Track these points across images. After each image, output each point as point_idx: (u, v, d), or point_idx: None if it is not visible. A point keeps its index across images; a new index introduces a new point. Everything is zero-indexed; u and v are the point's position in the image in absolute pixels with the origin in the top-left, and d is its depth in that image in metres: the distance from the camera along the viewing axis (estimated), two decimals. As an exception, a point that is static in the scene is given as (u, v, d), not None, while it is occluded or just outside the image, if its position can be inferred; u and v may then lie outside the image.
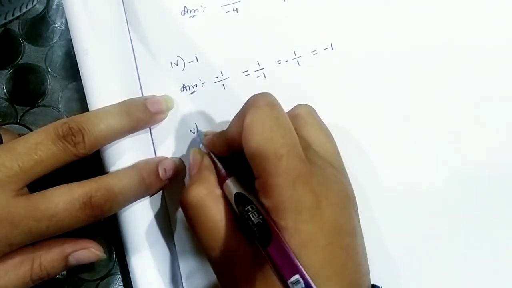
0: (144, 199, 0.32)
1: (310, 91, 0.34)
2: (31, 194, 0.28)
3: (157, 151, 0.34)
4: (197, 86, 0.34)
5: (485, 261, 0.34)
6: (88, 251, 0.31)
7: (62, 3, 0.35)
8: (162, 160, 0.32)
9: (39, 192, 0.28)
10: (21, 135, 0.30)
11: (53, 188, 0.28)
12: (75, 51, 0.33)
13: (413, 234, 0.34)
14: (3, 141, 0.30)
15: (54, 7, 0.36)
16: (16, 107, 0.35)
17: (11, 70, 0.35)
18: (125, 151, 0.32)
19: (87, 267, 0.34)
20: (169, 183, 0.33)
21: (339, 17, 0.35)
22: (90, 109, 0.32)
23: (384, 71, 0.35)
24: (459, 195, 0.35)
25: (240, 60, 0.35)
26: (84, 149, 0.29)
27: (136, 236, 0.32)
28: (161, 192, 0.34)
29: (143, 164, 0.32)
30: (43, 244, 0.30)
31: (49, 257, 0.29)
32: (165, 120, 0.34)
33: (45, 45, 0.36)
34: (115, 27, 0.34)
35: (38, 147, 0.28)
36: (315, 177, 0.26)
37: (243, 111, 0.27)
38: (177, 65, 0.34)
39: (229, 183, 0.28)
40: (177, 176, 0.33)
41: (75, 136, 0.29)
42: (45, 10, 0.36)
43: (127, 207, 0.32)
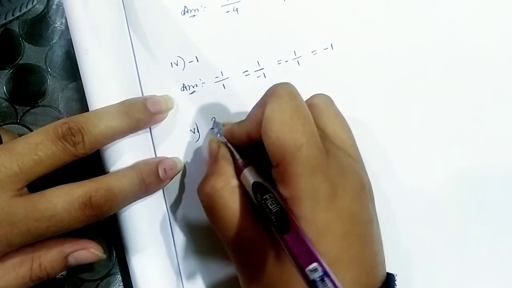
0: (144, 199, 0.32)
1: (310, 91, 0.34)
2: (30, 194, 0.28)
3: (157, 151, 0.34)
4: (197, 86, 0.34)
5: (499, 253, 0.34)
6: (87, 251, 0.31)
7: (62, 3, 0.35)
8: (162, 160, 0.32)
9: (38, 192, 0.28)
10: (21, 135, 0.30)
11: (52, 188, 0.28)
12: (75, 51, 0.33)
13: (427, 225, 0.34)
14: (3, 141, 0.30)
15: (54, 7, 0.36)
16: (16, 107, 0.35)
17: (11, 70, 0.35)
18: (125, 151, 0.32)
19: (87, 267, 0.34)
20: (169, 183, 0.33)
21: (339, 17, 0.35)
22: (90, 109, 0.32)
23: (384, 71, 0.35)
24: (467, 191, 0.35)
25: (240, 60, 0.35)
26: (84, 149, 0.29)
27: (136, 236, 0.32)
28: (161, 192, 0.34)
29: (143, 164, 0.32)
30: (42, 244, 0.30)
31: (49, 257, 0.29)
32: (165, 120, 0.34)
33: (45, 45, 0.36)
34: (115, 27, 0.34)
35: (37, 147, 0.28)
36: (332, 166, 0.27)
37: (263, 100, 0.28)
38: (177, 65, 0.34)
39: (247, 173, 0.28)
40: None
41: (74, 136, 0.29)
42: (45, 10, 0.36)
43: (127, 207, 0.32)
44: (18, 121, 0.35)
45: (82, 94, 0.33)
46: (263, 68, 0.35)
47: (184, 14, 0.35)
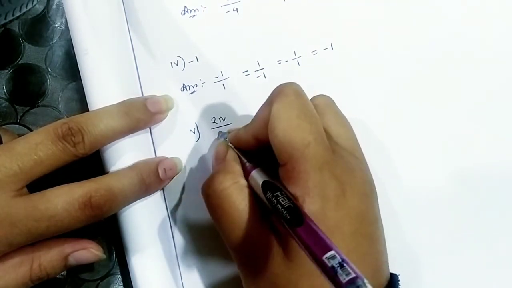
0: (144, 199, 0.32)
1: (310, 91, 0.34)
2: (30, 194, 0.28)
3: (157, 151, 0.34)
4: (197, 86, 0.34)
5: (498, 253, 0.35)
6: (87, 251, 0.31)
7: (62, 3, 0.35)
8: (162, 160, 0.32)
9: (38, 193, 0.28)
10: (21, 135, 0.30)
11: (52, 188, 0.28)
12: (75, 51, 0.33)
13: (426, 225, 0.34)
14: (3, 141, 0.30)
15: (54, 7, 0.36)
16: (16, 107, 0.35)
17: (11, 70, 0.35)
18: (125, 151, 0.32)
19: (87, 267, 0.34)
20: (169, 183, 0.33)
21: (339, 17, 0.35)
22: (90, 109, 0.32)
23: (384, 71, 0.35)
24: (467, 190, 0.35)
25: (240, 60, 0.35)
26: (84, 149, 0.29)
27: (136, 236, 0.32)
28: (161, 192, 0.34)
29: (142, 164, 0.32)
30: (42, 244, 0.30)
31: (49, 257, 0.29)
32: (165, 120, 0.34)
33: (45, 45, 0.36)
34: (115, 27, 0.34)
35: (38, 147, 0.28)
36: (339, 165, 0.27)
37: (269, 100, 0.28)
38: (177, 65, 0.34)
39: (255, 174, 0.28)
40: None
41: (74, 136, 0.29)
42: (45, 10, 0.36)
43: (127, 207, 0.32)
44: (18, 121, 0.35)
45: (82, 94, 0.33)
46: (263, 68, 0.35)
47: (184, 14, 0.35)
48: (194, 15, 0.35)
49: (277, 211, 0.26)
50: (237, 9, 0.35)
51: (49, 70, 0.35)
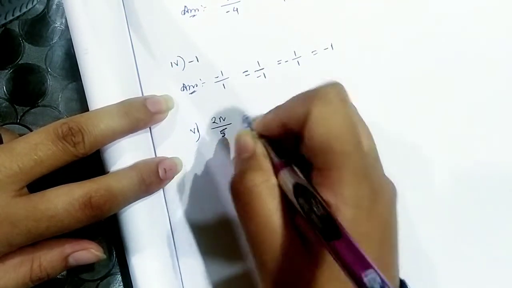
0: (144, 199, 0.32)
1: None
2: (31, 194, 0.28)
3: (157, 151, 0.34)
4: (197, 86, 0.34)
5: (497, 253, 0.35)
6: (88, 251, 0.31)
7: (62, 3, 0.35)
8: (162, 160, 0.32)
9: (39, 193, 0.28)
10: (21, 135, 0.30)
11: (52, 188, 0.28)
12: (75, 51, 0.33)
13: (426, 225, 0.35)
14: (4, 141, 0.30)
15: (54, 7, 0.36)
16: (16, 107, 0.35)
17: (11, 70, 0.35)
18: (125, 151, 0.32)
19: (87, 267, 0.34)
20: (169, 183, 0.33)
21: (339, 17, 0.35)
22: (90, 109, 0.32)
23: (384, 71, 0.35)
24: (467, 190, 0.35)
25: (240, 60, 0.35)
26: (84, 149, 0.29)
27: (136, 236, 0.32)
28: (161, 192, 0.33)
29: (143, 164, 0.32)
30: (43, 245, 0.30)
31: (49, 258, 0.29)
32: (165, 120, 0.34)
33: (45, 45, 0.36)
34: (115, 27, 0.34)
35: (38, 147, 0.28)
36: (373, 174, 0.27)
37: (310, 97, 0.27)
38: (177, 64, 0.34)
39: (286, 173, 0.27)
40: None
41: (74, 136, 0.29)
42: (45, 10, 0.36)
43: (127, 207, 0.32)
44: (18, 121, 0.35)
45: (82, 94, 0.33)
46: (263, 68, 0.35)
47: (184, 14, 0.35)
48: (194, 15, 0.35)
49: (310, 219, 0.25)
50: (237, 9, 0.35)
51: (49, 70, 0.35)
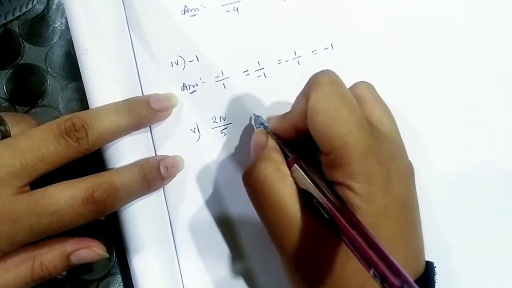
0: (144, 198, 0.32)
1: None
2: (33, 191, 0.28)
3: (157, 151, 0.34)
4: (197, 86, 0.34)
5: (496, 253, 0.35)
6: (90, 250, 0.30)
7: (62, 3, 0.35)
8: (163, 158, 0.32)
9: (40, 189, 0.28)
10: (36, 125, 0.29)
11: (55, 184, 0.28)
12: (76, 51, 0.33)
13: (425, 224, 0.34)
14: (22, 129, 0.30)
15: (54, 7, 0.36)
16: (16, 107, 0.35)
17: (11, 70, 0.35)
18: (126, 151, 0.32)
19: (87, 267, 0.34)
20: (170, 181, 0.33)
21: (339, 17, 0.36)
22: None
23: (384, 71, 0.35)
24: (467, 190, 0.35)
25: (241, 60, 0.35)
26: (88, 144, 0.29)
27: (136, 236, 0.32)
28: (161, 192, 0.33)
29: (144, 161, 0.32)
30: (44, 243, 0.29)
31: (51, 256, 0.29)
32: (165, 120, 0.34)
33: (45, 45, 0.36)
34: (115, 27, 0.34)
35: (41, 143, 0.28)
36: (382, 151, 0.27)
37: (305, 90, 0.28)
38: (177, 64, 0.34)
39: (297, 169, 0.28)
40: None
41: (78, 132, 0.29)
42: (45, 10, 0.36)
43: (128, 206, 0.32)
44: (18, 121, 0.35)
45: (82, 94, 0.33)
46: (263, 68, 0.35)
47: (185, 13, 0.35)
48: (195, 15, 0.35)
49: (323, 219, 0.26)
50: (237, 8, 0.35)
51: (49, 70, 0.35)
